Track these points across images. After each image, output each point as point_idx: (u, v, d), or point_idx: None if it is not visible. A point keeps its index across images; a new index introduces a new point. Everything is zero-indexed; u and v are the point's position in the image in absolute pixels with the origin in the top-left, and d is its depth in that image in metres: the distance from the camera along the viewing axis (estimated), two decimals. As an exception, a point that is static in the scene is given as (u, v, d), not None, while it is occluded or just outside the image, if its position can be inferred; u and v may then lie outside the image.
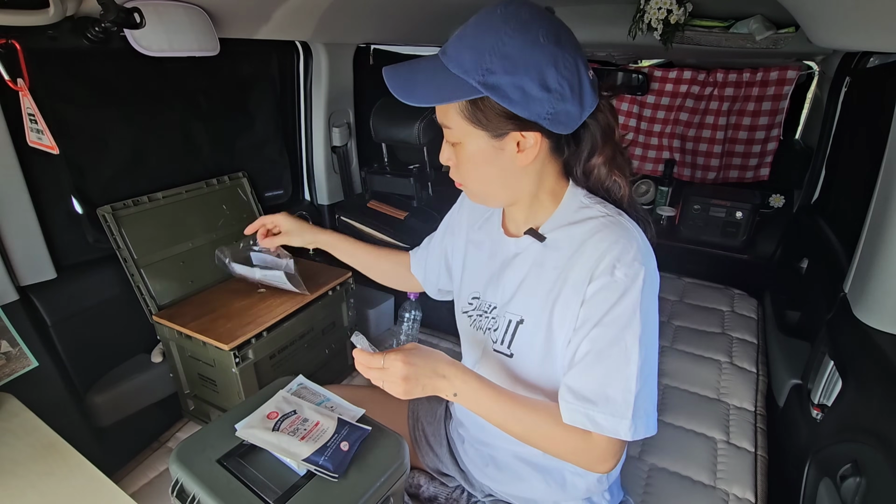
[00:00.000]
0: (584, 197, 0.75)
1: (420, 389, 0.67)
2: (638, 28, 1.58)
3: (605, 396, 0.66)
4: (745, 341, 1.64)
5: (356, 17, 1.59)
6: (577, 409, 0.67)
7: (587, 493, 0.86)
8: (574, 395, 0.68)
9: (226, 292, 1.37)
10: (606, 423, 0.66)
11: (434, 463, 1.03)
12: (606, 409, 0.66)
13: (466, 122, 0.66)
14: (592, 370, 0.67)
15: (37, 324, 1.08)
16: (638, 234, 0.70)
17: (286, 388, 0.86)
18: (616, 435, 0.66)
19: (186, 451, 0.74)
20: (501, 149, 0.67)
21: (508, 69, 0.60)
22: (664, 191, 2.32)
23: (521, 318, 0.76)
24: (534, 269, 0.76)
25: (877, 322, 0.94)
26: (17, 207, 1.04)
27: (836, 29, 1.06)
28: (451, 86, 0.63)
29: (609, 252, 0.67)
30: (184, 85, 1.39)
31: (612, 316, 0.67)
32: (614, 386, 0.66)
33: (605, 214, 0.71)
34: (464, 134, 0.68)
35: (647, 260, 0.68)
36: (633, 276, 0.66)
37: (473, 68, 0.61)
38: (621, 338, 0.66)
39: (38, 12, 0.88)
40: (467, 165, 0.71)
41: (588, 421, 0.67)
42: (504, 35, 0.60)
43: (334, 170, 1.87)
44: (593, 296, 0.68)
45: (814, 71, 2.15)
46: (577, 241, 0.71)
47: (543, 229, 0.76)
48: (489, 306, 0.82)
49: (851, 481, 0.80)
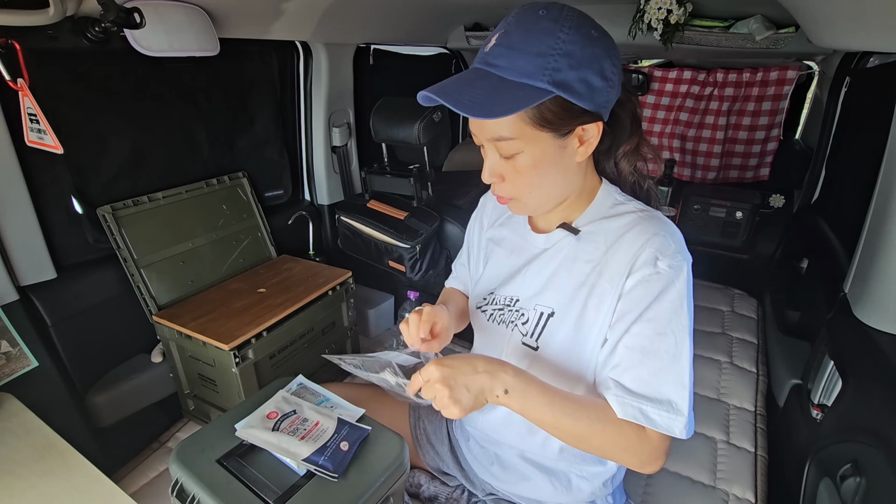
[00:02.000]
0: (617, 194, 0.77)
1: (466, 393, 0.63)
2: (638, 28, 1.58)
3: (659, 392, 0.65)
4: (745, 341, 1.64)
5: (356, 17, 1.59)
6: (629, 402, 0.66)
7: (591, 497, 0.86)
8: (624, 389, 0.67)
9: (226, 292, 1.37)
10: (661, 420, 0.65)
11: (435, 462, 1.03)
12: (661, 406, 0.65)
13: (532, 127, 0.64)
14: (642, 366, 0.66)
15: (37, 324, 1.08)
16: (675, 229, 0.71)
17: (286, 388, 0.86)
18: (670, 432, 0.65)
19: (186, 451, 0.74)
20: (564, 147, 0.67)
21: (573, 65, 0.61)
22: (664, 191, 2.32)
23: (552, 310, 0.75)
24: (566, 263, 0.76)
25: (877, 322, 0.94)
26: (17, 207, 1.04)
27: (836, 29, 1.06)
28: (521, 93, 0.61)
29: (650, 244, 0.67)
30: (184, 85, 1.39)
31: (656, 310, 0.66)
32: (667, 382, 0.65)
33: (642, 209, 0.73)
34: (528, 141, 0.65)
35: (687, 254, 0.69)
36: (678, 269, 0.66)
37: (538, 71, 0.60)
38: (669, 332, 0.66)
39: (38, 12, 0.88)
40: (529, 173, 0.68)
41: (641, 416, 0.65)
42: (561, 34, 0.61)
43: (334, 170, 1.87)
44: (633, 288, 0.68)
45: (814, 71, 2.15)
46: (613, 234, 0.72)
47: (577, 223, 0.76)
48: (510, 300, 0.82)
49: (851, 481, 0.80)
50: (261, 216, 1.58)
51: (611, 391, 0.68)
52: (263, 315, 1.25)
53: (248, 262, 1.53)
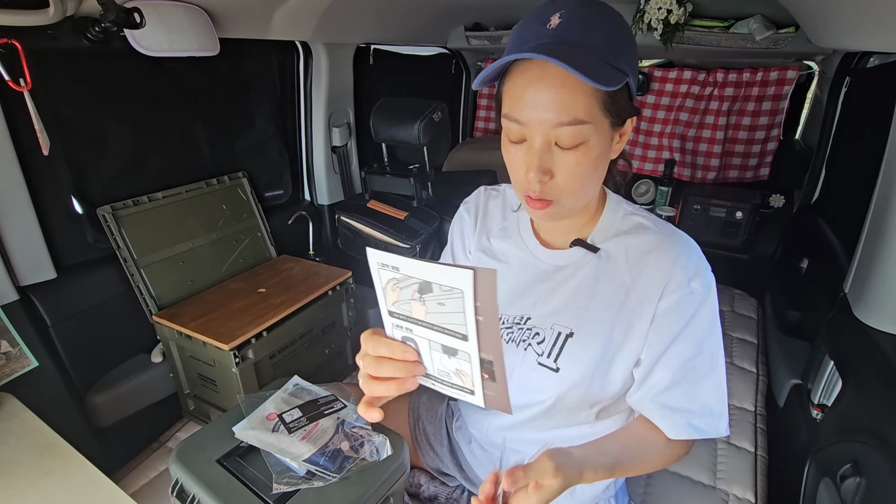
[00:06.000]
0: (625, 204, 0.76)
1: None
2: (638, 28, 1.58)
3: (701, 403, 0.68)
4: (745, 341, 1.63)
5: (356, 17, 1.59)
6: (678, 421, 0.68)
7: (594, 500, 0.86)
8: (670, 409, 0.69)
9: (226, 292, 1.37)
10: (708, 427, 0.68)
11: (434, 462, 1.03)
12: (704, 415, 0.68)
13: (603, 113, 0.60)
14: (684, 382, 0.68)
15: (37, 324, 1.08)
16: (694, 243, 0.71)
17: (282, 389, 0.86)
18: (718, 434, 0.68)
19: (186, 451, 0.74)
20: (612, 139, 0.64)
21: (635, 55, 0.63)
22: (664, 191, 2.32)
23: (571, 330, 0.72)
24: (587, 283, 0.73)
25: (877, 322, 0.94)
26: (17, 207, 1.04)
27: (836, 29, 1.06)
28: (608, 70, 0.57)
29: (679, 265, 0.67)
30: (184, 85, 1.39)
31: (693, 329, 0.67)
32: (707, 391, 0.68)
33: (656, 224, 0.72)
34: (597, 127, 0.60)
35: (708, 266, 0.70)
36: (708, 286, 0.67)
37: (614, 54, 0.59)
38: (706, 348, 0.68)
39: (38, 12, 0.88)
40: (586, 167, 0.61)
41: (692, 430, 0.68)
42: (624, 24, 0.62)
43: (334, 170, 1.87)
44: (668, 310, 0.67)
45: (814, 71, 2.15)
46: (635, 253, 0.70)
47: (593, 239, 0.74)
48: (521, 318, 0.77)
49: (851, 481, 0.80)
50: (261, 216, 1.58)
51: (657, 414, 0.70)
52: (263, 315, 1.25)
53: (248, 262, 1.53)
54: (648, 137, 2.49)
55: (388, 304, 0.52)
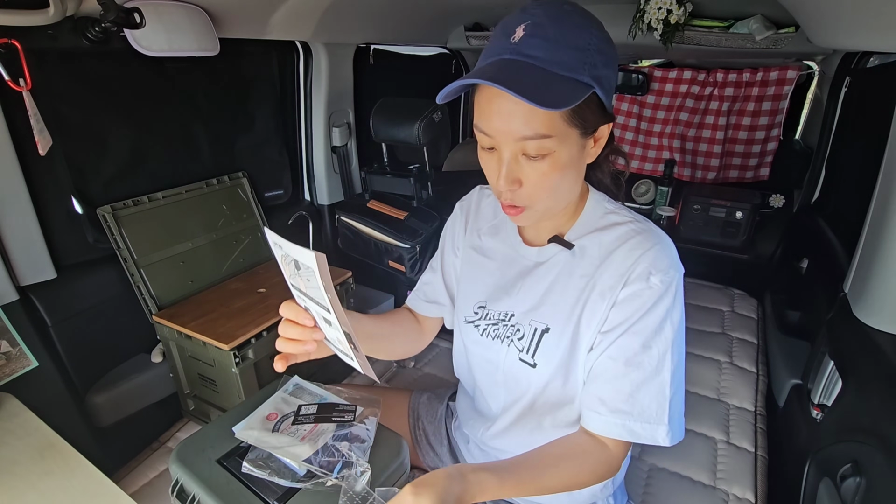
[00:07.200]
0: (607, 203, 0.76)
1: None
2: (638, 28, 1.58)
3: (640, 405, 0.66)
4: (745, 341, 1.63)
5: (356, 17, 1.59)
6: (612, 420, 0.67)
7: (592, 499, 0.86)
8: (606, 405, 0.67)
9: (226, 292, 1.37)
10: (644, 431, 0.66)
11: (434, 462, 1.03)
12: (642, 418, 0.66)
13: (566, 124, 0.61)
14: (624, 378, 0.67)
15: (37, 324, 1.08)
16: (669, 241, 0.70)
17: (282, 389, 0.86)
18: (654, 441, 0.66)
19: (186, 451, 0.74)
20: (584, 147, 0.65)
21: (606, 62, 0.61)
22: (664, 191, 2.32)
23: (547, 326, 0.74)
24: (561, 278, 0.74)
25: (877, 322, 0.94)
26: (17, 207, 1.04)
27: (836, 29, 1.06)
28: (568, 86, 0.58)
29: (644, 258, 0.67)
30: (184, 85, 1.39)
31: (644, 323, 0.66)
32: (649, 393, 0.66)
33: (634, 220, 0.72)
34: (561, 139, 0.61)
35: (679, 266, 0.69)
36: (668, 283, 0.66)
37: (579, 65, 0.59)
38: (653, 344, 0.66)
39: (38, 12, 0.88)
40: (553, 176, 0.63)
41: (626, 432, 0.67)
42: (592, 30, 0.61)
43: (334, 170, 1.87)
44: (625, 301, 0.67)
45: (814, 71, 2.15)
46: (606, 247, 0.71)
47: (570, 236, 0.75)
48: (505, 315, 0.79)
49: (851, 481, 0.80)
50: (261, 216, 1.58)
51: (592, 408, 0.69)
52: (263, 315, 1.25)
53: (248, 262, 1.53)
54: (648, 137, 2.49)
55: (288, 277, 0.62)
